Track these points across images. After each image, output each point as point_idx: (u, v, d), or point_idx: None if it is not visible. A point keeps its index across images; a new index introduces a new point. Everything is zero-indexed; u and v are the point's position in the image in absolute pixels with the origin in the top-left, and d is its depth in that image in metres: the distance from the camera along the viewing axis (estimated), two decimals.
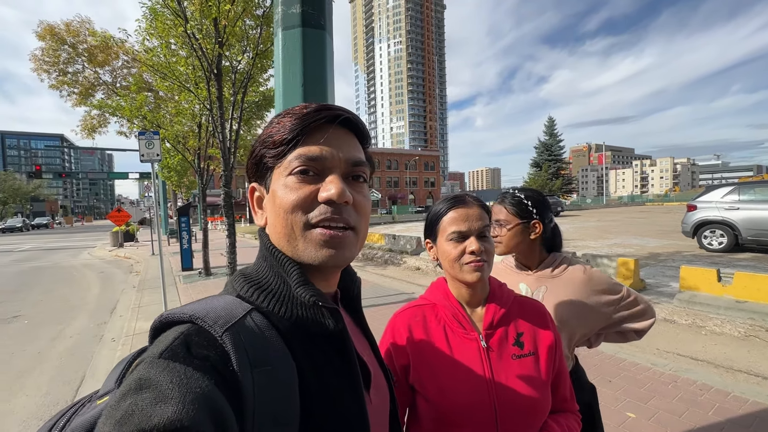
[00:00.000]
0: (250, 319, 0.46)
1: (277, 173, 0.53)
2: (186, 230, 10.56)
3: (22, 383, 3.95)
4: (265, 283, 0.53)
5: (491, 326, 0.92)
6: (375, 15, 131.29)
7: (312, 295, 0.50)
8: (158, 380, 0.35)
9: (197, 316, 0.43)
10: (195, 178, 14.15)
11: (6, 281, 10.17)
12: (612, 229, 16.86)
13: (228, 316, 0.45)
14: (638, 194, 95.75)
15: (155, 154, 5.76)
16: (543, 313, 0.99)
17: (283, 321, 0.50)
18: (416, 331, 0.94)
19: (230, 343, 0.41)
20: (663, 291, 5.85)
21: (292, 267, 0.52)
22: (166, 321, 0.45)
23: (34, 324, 6.05)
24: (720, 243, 8.84)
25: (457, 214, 0.91)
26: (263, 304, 0.51)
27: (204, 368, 0.38)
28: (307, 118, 0.51)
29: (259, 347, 0.44)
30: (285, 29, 1.64)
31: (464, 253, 0.89)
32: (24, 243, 24.62)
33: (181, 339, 0.40)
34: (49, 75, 13.48)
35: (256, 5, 6.96)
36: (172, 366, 0.36)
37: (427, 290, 1.05)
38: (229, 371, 0.40)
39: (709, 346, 4.04)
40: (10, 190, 72.31)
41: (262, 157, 0.54)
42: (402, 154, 66.06)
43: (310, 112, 0.52)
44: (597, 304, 1.24)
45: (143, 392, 0.34)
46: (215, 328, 0.42)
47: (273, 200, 0.53)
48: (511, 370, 0.88)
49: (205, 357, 0.39)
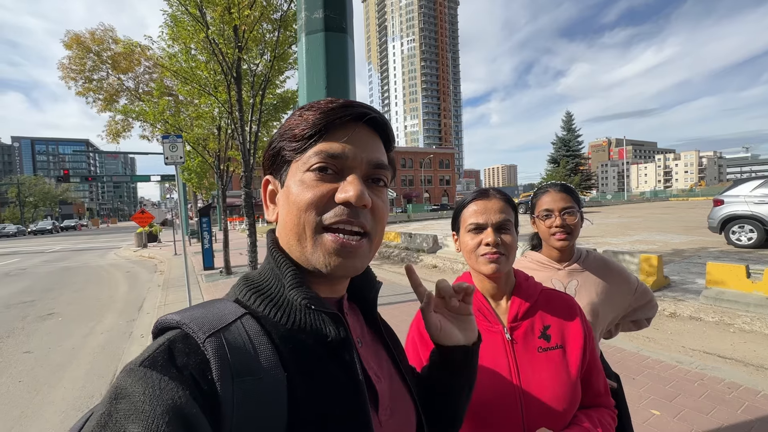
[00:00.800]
0: (240, 325, 0.44)
1: (294, 168, 0.50)
2: (207, 230, 10.84)
3: (60, 376, 4.16)
4: (264, 287, 0.50)
5: (516, 319, 0.93)
6: (388, 14, 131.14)
7: (304, 298, 0.47)
8: (132, 391, 0.35)
9: (184, 322, 0.42)
10: (215, 179, 14.49)
11: (39, 280, 10.67)
12: (634, 225, 16.42)
13: (215, 322, 0.43)
14: (661, 189, 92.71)
15: (179, 156, 5.95)
16: (572, 305, 0.98)
17: (278, 327, 0.47)
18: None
19: (211, 351, 0.40)
20: (688, 288, 5.70)
21: (287, 268, 0.49)
22: (160, 326, 0.44)
23: (67, 321, 6.34)
24: (749, 238, 8.52)
25: (477, 206, 0.93)
26: (260, 309, 0.48)
27: (180, 378, 0.37)
28: (332, 114, 0.49)
29: (245, 355, 0.42)
30: (308, 34, 1.69)
31: (480, 245, 0.90)
32: (54, 244, 25.73)
33: (165, 346, 0.40)
34: (76, 82, 14.05)
35: (273, 9, 7.10)
36: (148, 375, 0.36)
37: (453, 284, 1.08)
38: (208, 380, 0.38)
39: (737, 344, 3.92)
40: (41, 194, 75.55)
41: (281, 149, 0.52)
42: (417, 153, 65.82)
43: (336, 107, 0.49)
44: (620, 292, 1.31)
45: (118, 402, 0.35)
46: (198, 334, 0.41)
47: (287, 196, 0.50)
48: (537, 363, 0.88)
49: (184, 365, 0.38)
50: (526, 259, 1.42)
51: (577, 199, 1.28)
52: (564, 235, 1.25)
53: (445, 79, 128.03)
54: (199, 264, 11.20)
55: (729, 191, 9.03)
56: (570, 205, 1.25)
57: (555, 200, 1.26)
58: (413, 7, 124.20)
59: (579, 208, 1.28)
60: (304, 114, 0.50)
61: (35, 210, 74.96)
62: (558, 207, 1.25)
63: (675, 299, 5.18)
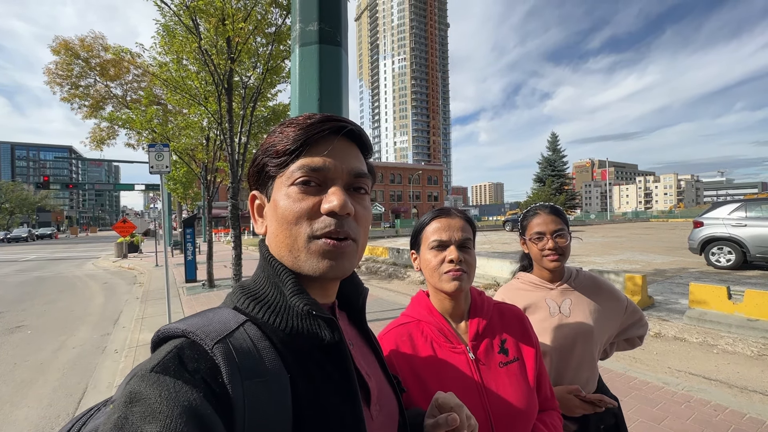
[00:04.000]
0: (243, 331, 0.46)
1: (279, 183, 0.53)
2: (191, 242, 10.58)
3: (24, 394, 3.92)
4: (261, 295, 0.52)
5: (476, 337, 0.93)
6: (380, 32, 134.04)
7: (306, 304, 0.49)
8: (147, 394, 0.36)
9: (190, 330, 0.44)
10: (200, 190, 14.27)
11: (10, 291, 10.19)
12: (617, 245, 16.75)
13: (220, 329, 0.45)
14: (642, 210, 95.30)
15: (164, 165, 5.83)
16: (522, 318, 1.01)
17: (277, 332, 0.49)
18: (405, 351, 0.92)
19: (221, 356, 0.41)
20: (672, 308, 5.77)
21: (287, 276, 0.51)
22: (163, 336, 0.45)
23: (37, 334, 6.03)
24: (728, 260, 8.75)
25: (439, 224, 0.94)
26: (258, 315, 0.50)
27: (193, 381, 0.38)
28: (312, 129, 0.51)
29: (251, 359, 0.44)
30: (302, 45, 1.68)
31: (444, 262, 0.90)
32: (29, 253, 24.74)
33: (174, 353, 0.41)
34: (62, 88, 13.81)
35: (268, 24, 7.15)
36: (162, 380, 0.37)
37: (409, 306, 1.04)
38: (219, 384, 0.40)
39: (722, 366, 3.95)
40: (17, 200, 73.08)
41: (264, 165, 0.54)
42: (405, 168, 66.36)
43: (314, 123, 0.52)
44: (611, 310, 1.32)
45: (133, 406, 0.35)
46: (206, 341, 0.43)
47: (274, 210, 0.53)
48: (500, 379, 0.89)
49: (195, 370, 0.40)
50: (518, 280, 1.41)
51: (566, 220, 1.31)
52: (556, 256, 1.27)
53: (434, 97, 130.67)
54: (181, 276, 10.89)
55: (708, 213, 9.30)
56: (561, 227, 1.28)
57: (546, 222, 1.29)
58: (405, 28, 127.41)
59: (569, 229, 1.31)
60: (284, 130, 0.53)
61: (11, 217, 72.32)
62: (550, 230, 1.28)
63: (660, 319, 5.22)
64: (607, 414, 1.23)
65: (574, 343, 1.23)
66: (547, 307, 1.29)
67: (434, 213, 0.97)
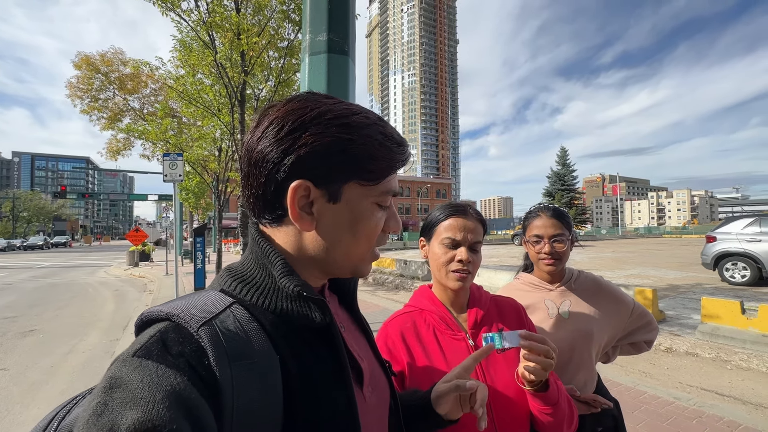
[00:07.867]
0: (230, 313, 0.45)
1: (362, 192, 0.51)
2: (201, 250, 10.72)
3: (34, 395, 3.98)
4: (249, 276, 0.51)
5: (475, 325, 0.98)
6: (390, 49, 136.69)
7: (296, 285, 0.48)
8: (129, 379, 0.35)
9: (174, 313, 0.42)
10: (212, 200, 14.52)
11: (24, 297, 10.39)
12: (628, 259, 16.45)
13: (206, 311, 0.44)
14: (655, 226, 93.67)
15: (178, 174, 5.99)
16: (518, 308, 1.06)
17: (266, 314, 0.48)
18: (409, 337, 0.98)
19: (206, 339, 0.40)
20: (684, 323, 5.64)
21: (276, 258, 0.50)
22: (146, 319, 0.44)
23: (48, 338, 6.13)
24: (743, 276, 8.54)
25: (455, 222, 0.98)
26: (246, 297, 0.49)
27: (177, 365, 0.37)
28: (402, 156, 0.55)
29: (239, 341, 0.42)
30: (312, 54, 1.76)
31: (453, 260, 0.95)
32: (44, 260, 25.26)
33: (157, 337, 0.40)
34: (82, 101, 14.35)
35: (280, 38, 7.40)
36: (144, 364, 0.36)
37: (412, 297, 1.10)
38: (206, 367, 0.39)
39: (735, 382, 3.84)
40: (35, 209, 75.00)
41: (345, 166, 0.49)
42: (414, 182, 66.60)
43: (405, 149, 0.55)
44: (614, 313, 1.29)
45: (113, 392, 0.35)
46: (191, 323, 0.41)
47: (353, 219, 0.51)
48: (498, 364, 0.94)
49: (179, 353, 0.38)
50: (519, 281, 1.41)
51: (568, 224, 1.29)
52: (552, 261, 1.27)
53: (443, 112, 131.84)
54: (190, 284, 11.00)
55: (721, 228, 9.13)
56: (560, 232, 1.26)
57: (546, 226, 1.28)
58: (415, 44, 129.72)
59: (570, 232, 1.28)
60: (386, 144, 0.51)
61: (28, 225, 74.13)
62: (548, 234, 1.27)
63: (671, 334, 5.11)
64: (605, 416, 1.21)
65: (572, 345, 1.22)
66: (545, 308, 1.28)
67: (451, 210, 1.01)
